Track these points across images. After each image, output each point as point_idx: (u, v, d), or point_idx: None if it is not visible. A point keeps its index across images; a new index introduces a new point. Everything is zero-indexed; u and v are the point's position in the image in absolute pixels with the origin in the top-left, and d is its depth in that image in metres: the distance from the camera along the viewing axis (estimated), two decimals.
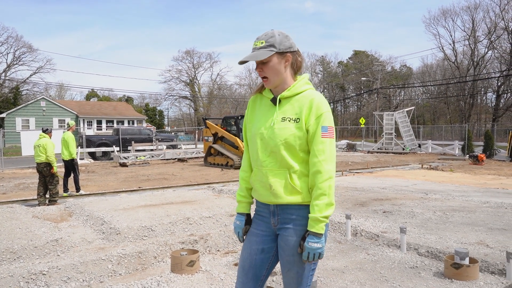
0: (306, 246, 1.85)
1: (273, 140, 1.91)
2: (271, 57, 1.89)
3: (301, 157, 1.93)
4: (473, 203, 7.29)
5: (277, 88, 1.98)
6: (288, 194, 1.91)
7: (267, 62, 1.89)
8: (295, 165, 1.91)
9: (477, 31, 46.00)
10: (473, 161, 17.51)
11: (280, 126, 1.91)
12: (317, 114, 1.89)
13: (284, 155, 1.90)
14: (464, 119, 45.18)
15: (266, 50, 1.87)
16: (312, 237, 1.85)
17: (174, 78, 66.22)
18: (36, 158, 8.07)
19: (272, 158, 1.92)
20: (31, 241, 4.97)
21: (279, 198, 1.92)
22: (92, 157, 21.40)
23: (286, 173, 1.91)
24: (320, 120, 1.88)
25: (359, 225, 5.64)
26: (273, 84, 1.94)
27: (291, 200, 1.91)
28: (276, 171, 1.92)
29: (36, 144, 8.11)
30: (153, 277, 3.91)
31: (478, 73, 46.16)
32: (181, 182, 11.91)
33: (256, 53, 1.88)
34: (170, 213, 6.33)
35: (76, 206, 7.26)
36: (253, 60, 1.88)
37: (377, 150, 26.52)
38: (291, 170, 1.91)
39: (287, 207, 1.94)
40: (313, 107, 1.90)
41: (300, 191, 1.91)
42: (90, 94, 65.04)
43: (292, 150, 1.90)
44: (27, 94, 51.89)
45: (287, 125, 1.91)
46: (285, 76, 1.94)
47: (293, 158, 1.91)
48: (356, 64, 65.43)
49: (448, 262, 3.84)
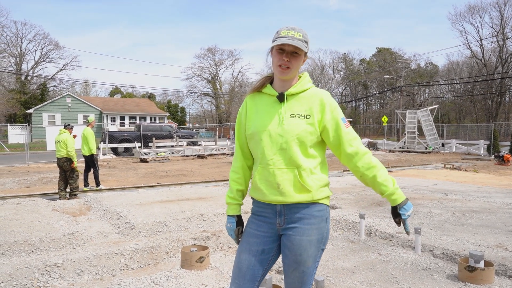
0: (405, 218, 1.91)
1: (283, 136, 1.88)
2: (303, 53, 1.92)
3: (310, 154, 1.91)
4: (494, 205, 7.09)
5: (283, 84, 1.96)
6: (297, 192, 1.88)
7: (298, 55, 1.89)
8: (304, 162, 1.88)
9: (506, 27, 44.56)
10: (499, 161, 17.00)
11: (289, 122, 1.89)
12: (331, 110, 1.92)
13: (295, 152, 1.87)
14: (491, 118, 43.89)
15: (303, 44, 1.88)
16: (403, 208, 1.91)
17: (196, 75, 66.84)
18: (57, 153, 8.27)
19: (281, 155, 1.89)
20: (48, 233, 5.11)
21: (288, 197, 1.88)
22: (114, 152, 21.80)
23: (295, 171, 1.87)
24: (337, 115, 1.93)
25: (373, 225, 5.56)
26: (290, 76, 1.93)
27: (301, 198, 1.88)
28: (284, 169, 1.88)
29: (57, 139, 8.31)
30: (163, 272, 3.95)
31: (506, 70, 44.73)
32: (199, 178, 12.01)
33: (298, 42, 1.86)
34: (185, 209, 6.39)
35: (95, 200, 7.42)
36: (298, 47, 1.85)
37: (399, 149, 26.06)
38: (300, 167, 1.88)
39: (295, 206, 1.91)
40: (326, 105, 1.92)
41: (309, 189, 1.88)
42: (114, 91, 66.27)
43: (303, 147, 1.88)
44: (53, 90, 53.39)
45: (297, 121, 1.89)
46: (297, 73, 1.97)
47: (304, 154, 1.89)
48: (379, 61, 64.43)
49: (462, 265, 3.74)
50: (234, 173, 2.11)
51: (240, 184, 2.10)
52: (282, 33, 1.88)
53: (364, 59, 69.36)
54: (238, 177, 2.10)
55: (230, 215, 2.10)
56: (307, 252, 1.89)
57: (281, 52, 1.88)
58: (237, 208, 2.10)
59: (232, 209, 2.10)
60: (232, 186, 2.11)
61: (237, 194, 2.10)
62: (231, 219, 2.09)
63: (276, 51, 1.90)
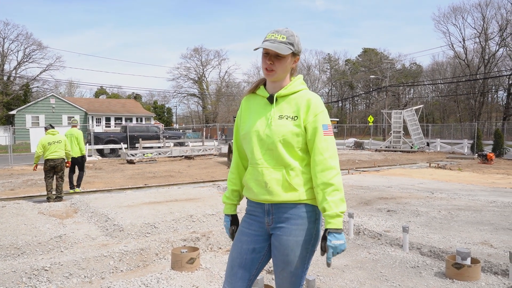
0: (330, 246, 1.82)
1: (270, 137, 1.91)
2: (288, 55, 1.91)
3: (298, 155, 1.93)
4: (479, 203, 7.22)
5: (274, 85, 1.99)
6: (284, 192, 1.90)
7: (282, 57, 1.90)
8: (292, 163, 1.91)
9: (488, 29, 45.43)
10: (482, 160, 17.33)
11: (277, 123, 1.91)
12: (315, 113, 1.91)
13: (282, 152, 1.90)
14: (474, 117, 44.69)
15: (287, 47, 1.89)
16: (333, 235, 1.82)
17: (183, 76, 66.49)
18: (53, 154, 7.97)
19: (269, 155, 1.92)
20: (35, 237, 5.03)
21: (275, 196, 1.91)
22: (100, 154, 21.56)
23: (283, 170, 1.90)
24: (320, 119, 1.91)
25: (362, 224, 5.61)
26: (276, 78, 1.95)
27: (287, 198, 1.90)
28: (272, 169, 1.91)
29: (54, 140, 8.03)
30: (153, 274, 3.93)
31: (489, 71, 45.60)
32: (186, 179, 11.95)
33: (278, 46, 1.88)
34: (173, 210, 6.35)
35: (82, 202, 7.32)
36: (277, 51, 1.86)
37: (385, 148, 26.35)
38: (288, 167, 1.91)
39: (283, 206, 1.93)
40: (311, 106, 1.92)
41: (296, 188, 1.90)
42: (99, 92, 65.55)
43: (290, 148, 1.90)
44: (37, 91, 52.50)
45: (284, 122, 1.91)
46: (287, 75, 1.98)
47: (291, 155, 1.91)
48: (365, 61, 65.02)
49: (449, 262, 3.81)
50: (230, 173, 2.17)
51: (235, 184, 2.14)
52: (267, 37, 1.93)
53: (350, 60, 69.91)
54: (233, 177, 2.15)
55: (226, 214, 2.16)
56: (294, 252, 1.91)
57: (266, 56, 1.92)
58: (232, 208, 2.15)
59: (227, 208, 2.15)
60: (228, 186, 2.16)
61: (232, 194, 2.14)
62: (226, 218, 2.16)
63: (262, 55, 1.94)
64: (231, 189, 2.14)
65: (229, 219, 2.15)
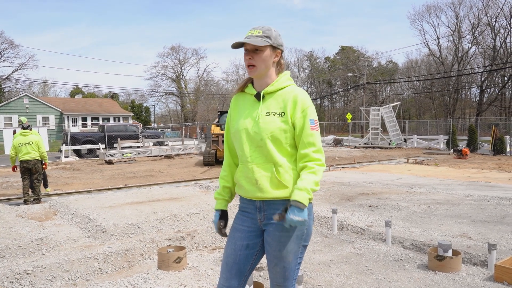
0: (287, 218, 1.81)
1: (258, 134, 1.93)
2: (265, 48, 1.93)
3: (287, 151, 1.95)
4: (457, 197, 7.42)
5: (260, 83, 2.01)
6: (274, 189, 1.93)
7: (260, 51, 1.93)
8: (281, 159, 1.93)
9: (461, 27, 46.63)
10: (458, 155, 17.80)
11: (265, 120, 1.94)
12: (303, 108, 1.94)
13: (271, 149, 1.92)
14: (448, 114, 45.84)
15: (263, 40, 1.92)
16: (294, 209, 1.80)
17: (160, 75, 65.68)
18: (25, 156, 7.78)
19: (258, 152, 1.94)
20: (15, 240, 4.90)
21: (266, 192, 1.93)
22: (77, 154, 21.13)
23: (272, 167, 1.92)
24: (307, 114, 1.94)
25: (345, 220, 5.69)
26: (258, 74, 1.97)
27: (278, 194, 1.93)
28: (262, 166, 1.94)
29: (23, 141, 7.83)
30: (140, 274, 3.89)
31: (462, 68, 46.80)
32: (168, 179, 11.85)
33: (254, 39, 1.91)
34: (157, 210, 6.30)
35: (61, 204, 7.17)
36: (251, 43, 1.90)
37: (364, 145, 26.76)
38: (277, 164, 1.93)
39: (274, 202, 1.96)
40: (298, 102, 1.94)
41: (286, 185, 1.92)
42: (75, 91, 64.13)
43: (278, 144, 1.93)
44: (9, 91, 50.96)
45: (272, 119, 1.93)
46: (271, 71, 2.00)
47: (280, 151, 1.94)
48: (342, 59, 65.76)
49: (431, 255, 3.91)
50: (222, 171, 2.19)
51: (227, 181, 2.16)
52: (245, 35, 1.97)
53: (329, 57, 70.57)
54: (225, 175, 2.17)
55: (216, 209, 2.18)
56: (286, 248, 1.94)
57: (246, 53, 1.96)
58: (223, 203, 2.16)
59: (218, 204, 2.17)
60: (220, 183, 2.18)
61: (224, 190, 2.16)
62: (216, 212, 2.17)
63: (244, 54, 1.97)
64: (222, 185, 2.16)
65: (219, 213, 2.15)
